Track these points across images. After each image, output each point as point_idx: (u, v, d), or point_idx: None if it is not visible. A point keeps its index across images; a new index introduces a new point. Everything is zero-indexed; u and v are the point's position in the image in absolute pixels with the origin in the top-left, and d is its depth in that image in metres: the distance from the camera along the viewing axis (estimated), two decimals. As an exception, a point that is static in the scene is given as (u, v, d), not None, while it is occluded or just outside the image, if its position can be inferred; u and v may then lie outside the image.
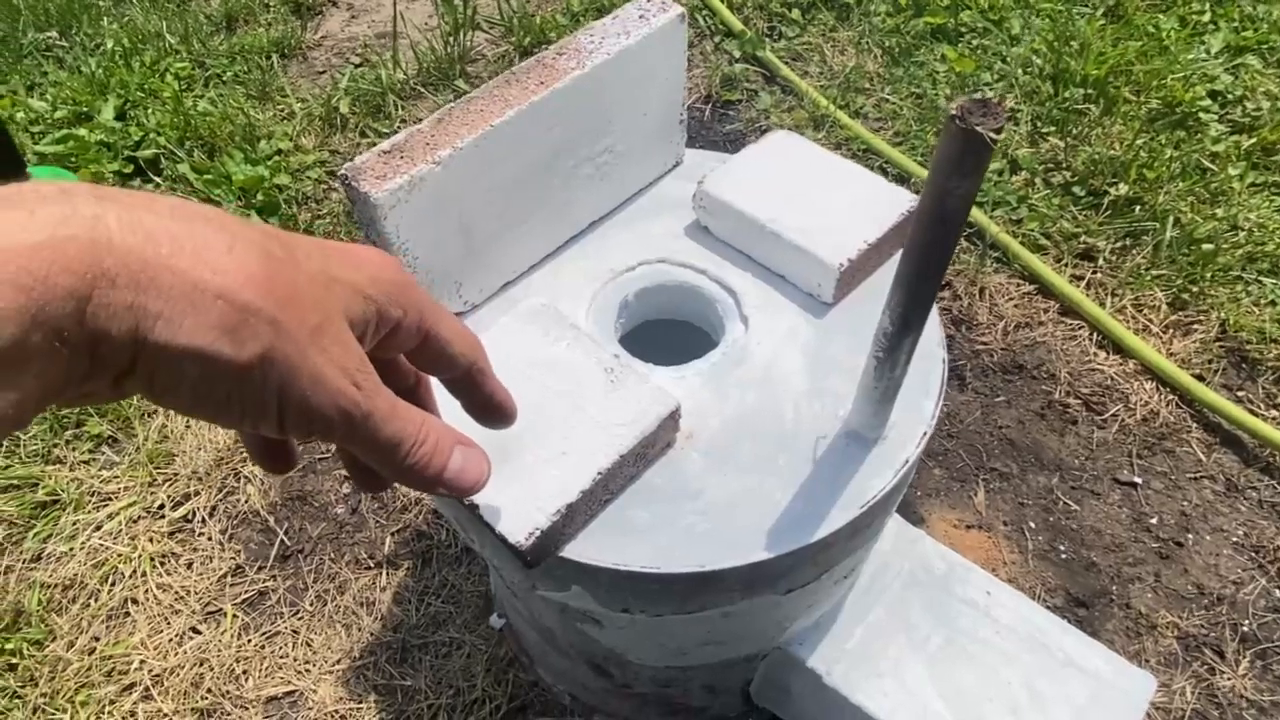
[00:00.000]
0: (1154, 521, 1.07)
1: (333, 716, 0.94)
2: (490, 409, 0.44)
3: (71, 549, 1.07)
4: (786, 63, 1.65)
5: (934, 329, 0.71)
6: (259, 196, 1.42)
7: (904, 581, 0.82)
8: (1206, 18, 1.68)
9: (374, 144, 1.53)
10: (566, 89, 0.67)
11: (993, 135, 0.40)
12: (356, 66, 1.73)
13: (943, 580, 0.82)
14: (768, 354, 0.70)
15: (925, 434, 0.64)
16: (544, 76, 0.68)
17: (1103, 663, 0.77)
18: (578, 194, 0.76)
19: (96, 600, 1.03)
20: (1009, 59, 1.60)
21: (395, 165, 0.62)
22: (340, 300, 0.31)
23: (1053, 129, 1.48)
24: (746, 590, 0.62)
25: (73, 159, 1.53)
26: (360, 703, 0.95)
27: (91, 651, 0.99)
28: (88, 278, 0.22)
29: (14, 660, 0.98)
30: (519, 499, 0.55)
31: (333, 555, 1.07)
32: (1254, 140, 1.44)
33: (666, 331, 0.80)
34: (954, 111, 0.41)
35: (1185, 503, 1.08)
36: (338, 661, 0.98)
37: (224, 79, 1.72)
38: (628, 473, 0.60)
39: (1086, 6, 1.71)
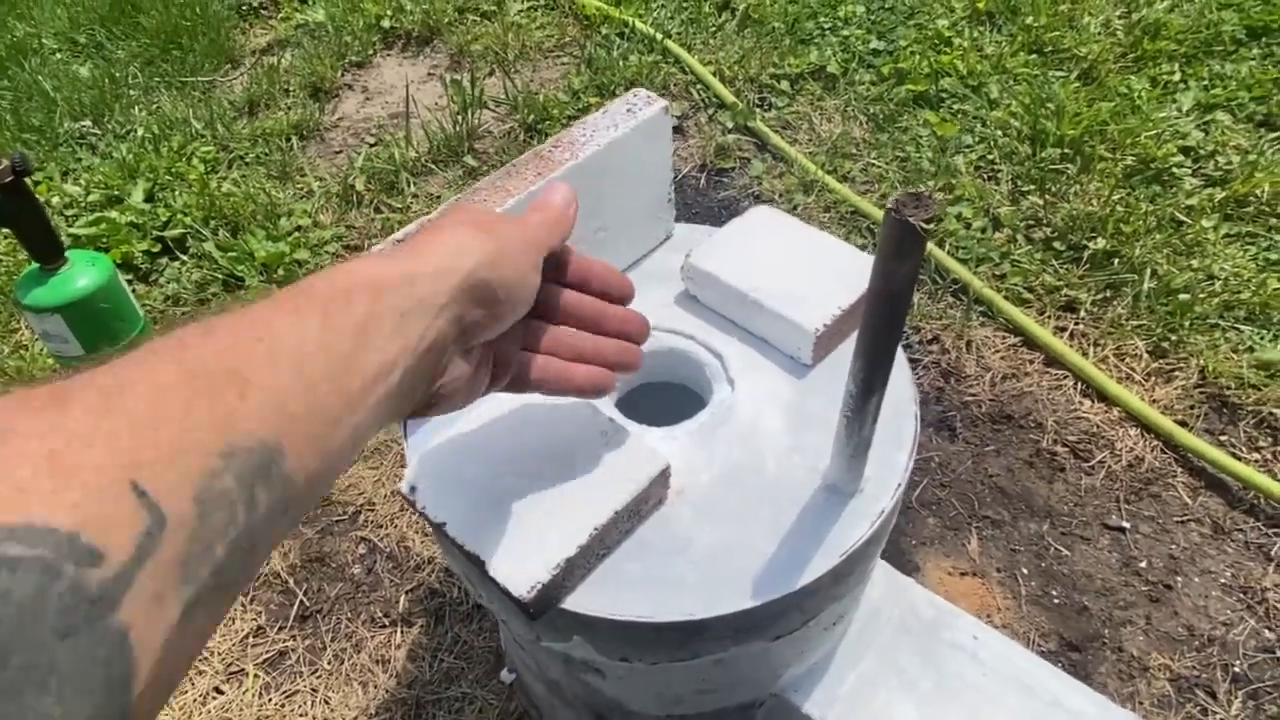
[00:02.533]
0: (1143, 565, 1.10)
1: (350, 772, 0.97)
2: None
3: (101, 613, 1.12)
4: (776, 131, 1.74)
5: (905, 386, 0.76)
6: (280, 271, 1.51)
7: (894, 628, 0.86)
8: (1177, 77, 1.77)
9: (388, 219, 1.62)
10: (561, 179, 0.74)
11: (924, 225, 0.46)
12: (371, 146, 1.83)
13: (931, 626, 0.86)
14: (752, 413, 0.75)
15: (899, 485, 0.69)
16: (540, 168, 0.75)
17: (1088, 704, 0.80)
18: (575, 270, 0.82)
19: (125, 662, 1.07)
20: (988, 122, 1.69)
21: (407, 253, 0.68)
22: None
23: (1032, 187, 1.55)
24: (736, 637, 0.66)
25: (105, 240, 1.62)
26: (376, 758, 0.98)
27: (120, 713, 1.03)
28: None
29: (46, 722, 1.02)
30: (522, 555, 0.60)
31: (349, 615, 1.11)
32: (1226, 193, 1.50)
33: (660, 393, 0.86)
34: (890, 205, 0.47)
35: (1173, 546, 1.12)
36: (355, 718, 1.01)
37: (246, 160, 1.82)
38: (623, 528, 0.65)
39: (1061, 71, 1.80)
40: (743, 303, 0.80)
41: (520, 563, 0.60)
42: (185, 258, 1.60)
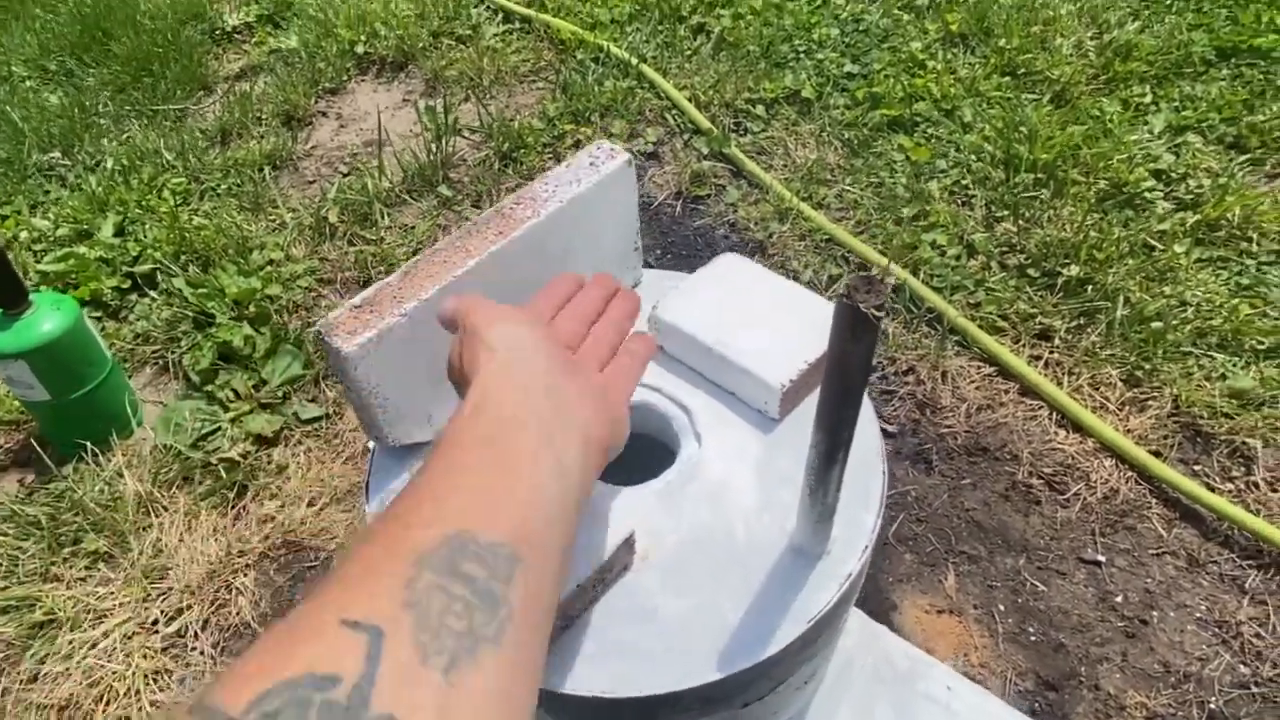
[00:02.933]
0: (1119, 600, 1.10)
1: (321, 831, 0.95)
2: None
3: (68, 668, 1.10)
4: (752, 157, 1.74)
5: (873, 439, 0.75)
6: (251, 308, 1.49)
7: (868, 678, 0.85)
8: (1148, 99, 1.78)
9: (361, 252, 1.61)
10: (523, 236, 0.73)
11: (874, 313, 0.46)
12: (344, 176, 1.82)
13: (905, 676, 0.85)
14: (720, 470, 0.74)
15: (867, 547, 0.68)
16: (502, 226, 0.74)
17: (1061, 754, 0.79)
18: (540, 323, 0.81)
19: (91, 720, 1.05)
20: (962, 146, 1.69)
21: (365, 319, 0.67)
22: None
23: (1006, 213, 1.55)
24: (704, 707, 0.65)
25: (73, 276, 1.60)
26: (348, 815, 0.96)
27: (85, 773, 1.01)
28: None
29: (9, 785, 1.00)
30: (481, 633, 0.59)
31: (321, 664, 1.09)
32: (1198, 217, 1.51)
33: (628, 444, 0.85)
34: (842, 290, 0.46)
35: (1149, 579, 1.12)
36: (326, 774, 1.00)
37: (218, 192, 1.80)
38: (587, 598, 0.64)
39: (1034, 93, 1.81)
40: (709, 356, 0.79)
41: (480, 640, 0.59)
42: (155, 294, 1.58)
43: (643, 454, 0.82)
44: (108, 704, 1.07)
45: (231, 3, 2.54)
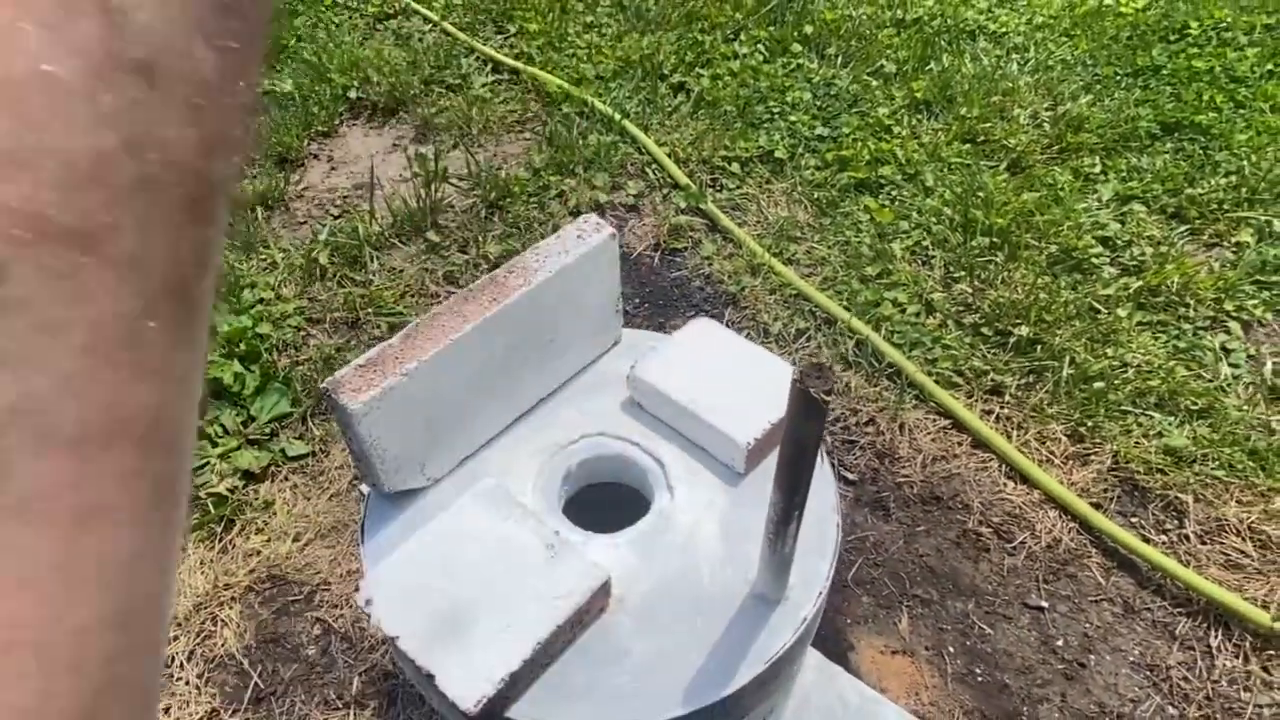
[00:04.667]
0: (1060, 643, 1.18)
1: None
2: None
3: (53, 697, 1.13)
4: (727, 213, 1.83)
5: (829, 494, 0.83)
6: (242, 346, 1.54)
7: (822, 716, 0.92)
8: (1098, 169, 1.90)
9: (350, 293, 1.67)
10: (515, 303, 0.81)
11: (824, 397, 0.53)
12: (335, 218, 1.88)
13: (856, 713, 0.92)
14: (689, 522, 0.81)
15: (821, 593, 0.76)
16: (496, 294, 0.81)
17: (998, 788, 0.86)
18: (527, 378, 0.88)
19: (76, 748, 1.08)
20: (923, 210, 1.80)
21: (369, 378, 0.74)
22: None
23: (963, 274, 1.66)
24: (669, 740, 0.71)
25: (66, 309, 1.64)
26: (327, 844, 1.01)
27: (69, 801, 1.04)
28: None
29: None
30: (469, 669, 0.65)
31: (304, 696, 1.13)
32: (1140, 283, 1.62)
33: (607, 491, 0.92)
34: (795, 376, 0.54)
35: (1088, 624, 1.20)
36: (306, 803, 1.04)
37: (211, 230, 1.86)
38: (565, 639, 0.71)
39: (992, 161, 1.92)
40: (682, 414, 0.86)
41: (467, 677, 0.65)
42: (147, 329, 1.62)
43: (620, 500, 0.89)
44: (93, 733, 1.10)
45: (226, 42, 2.61)
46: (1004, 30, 2.42)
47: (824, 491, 0.83)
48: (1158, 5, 2.45)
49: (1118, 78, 2.17)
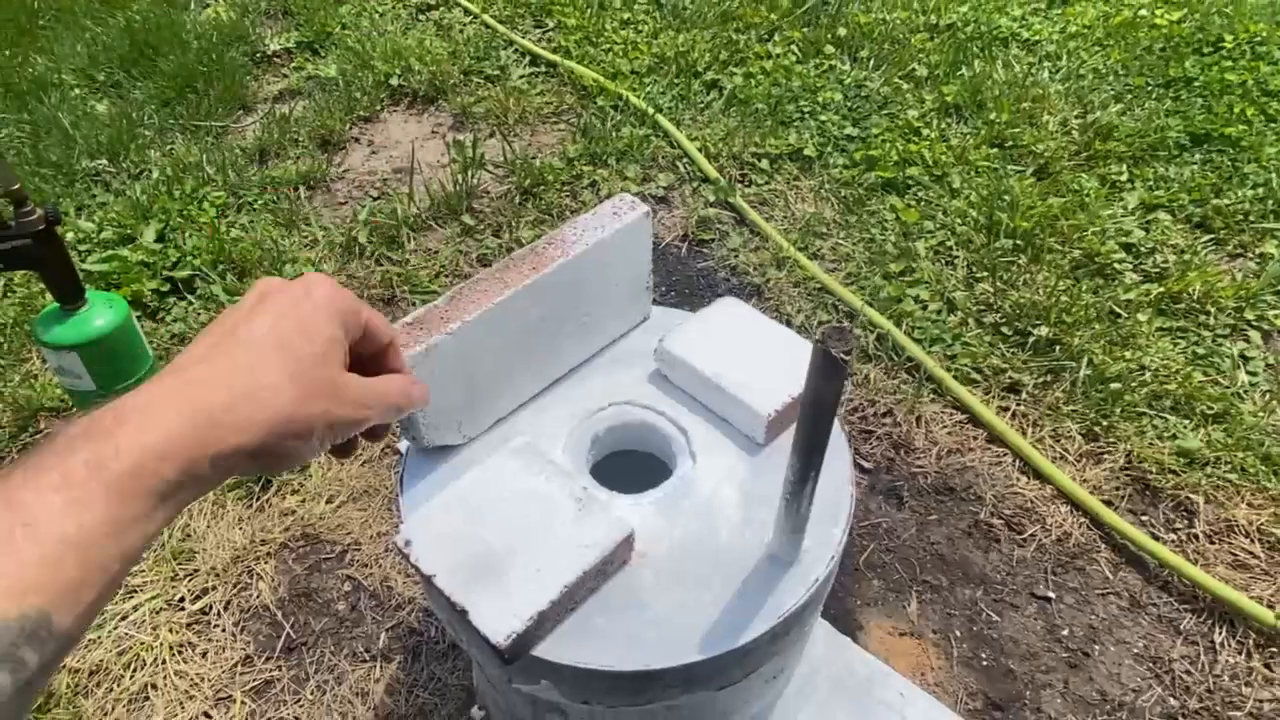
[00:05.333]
0: (1065, 633, 1.21)
1: (327, 798, 1.05)
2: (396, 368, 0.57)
3: (99, 637, 1.19)
4: (755, 207, 1.87)
5: (844, 469, 0.86)
6: (282, 317, 1.60)
7: (831, 684, 0.96)
8: (1125, 177, 1.92)
9: (387, 272, 1.72)
10: (553, 273, 0.85)
11: (843, 356, 0.57)
12: (374, 199, 1.94)
13: (864, 683, 0.96)
14: (710, 487, 0.85)
15: (833, 557, 0.79)
16: (535, 263, 0.86)
17: (997, 758, 0.89)
18: (560, 347, 0.93)
19: (120, 685, 1.15)
20: (949, 210, 1.83)
21: (416, 335, 0.79)
22: (334, 359, 0.45)
23: (986, 274, 1.68)
24: (685, 686, 0.75)
25: (116, 277, 1.71)
26: (352, 786, 1.06)
27: (112, 733, 1.10)
28: (210, 444, 0.36)
29: (42, 740, 1.09)
30: (501, 607, 0.70)
31: (333, 649, 1.19)
32: (1162, 289, 1.64)
33: (631, 459, 0.96)
34: (817, 337, 0.58)
35: (1093, 616, 1.22)
36: (333, 747, 1.09)
37: (255, 207, 1.93)
38: (590, 586, 0.75)
39: (1019, 165, 1.95)
40: (707, 385, 0.90)
41: (498, 614, 0.70)
42: (193, 298, 1.69)
43: (644, 469, 0.93)
44: (135, 671, 1.16)
45: (273, 28, 2.69)
46: (1037, 38, 2.43)
47: (840, 463, 0.87)
48: (1193, 18, 2.45)
49: (1149, 88, 2.19)
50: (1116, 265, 1.69)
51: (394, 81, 2.31)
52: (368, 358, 0.53)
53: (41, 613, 0.30)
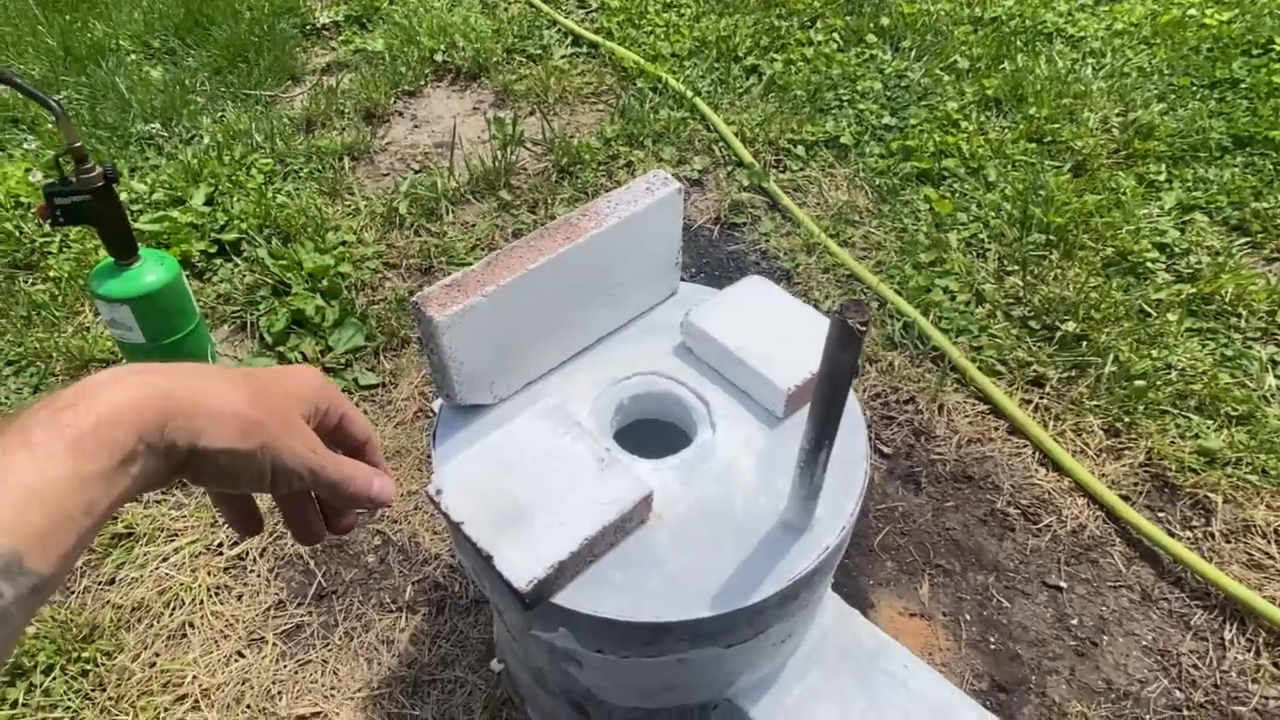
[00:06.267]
0: (1074, 622, 1.22)
1: (351, 736, 1.10)
2: (374, 465, 0.58)
3: (141, 576, 1.26)
4: (788, 193, 1.88)
5: (860, 445, 0.89)
6: (324, 282, 1.66)
7: (838, 653, 0.99)
8: (1163, 177, 1.90)
9: (425, 242, 1.77)
10: (585, 243, 0.89)
11: (859, 327, 0.60)
12: (416, 172, 1.99)
13: (871, 654, 0.99)
14: (728, 455, 0.88)
15: (844, 528, 0.82)
16: (569, 233, 0.89)
17: (996, 733, 0.92)
18: (590, 317, 0.97)
19: (159, 621, 1.21)
20: (983, 203, 1.83)
21: (454, 296, 0.83)
22: (295, 405, 0.49)
23: (1016, 268, 1.69)
24: (694, 641, 0.79)
25: (166, 237, 1.78)
26: (375, 727, 1.11)
27: (152, 665, 1.17)
28: (164, 414, 0.40)
29: (87, 667, 1.16)
30: (524, 555, 0.74)
31: (361, 598, 1.24)
32: (1194, 290, 1.63)
33: (653, 428, 1.00)
34: (835, 309, 0.60)
35: (1104, 608, 1.24)
36: (359, 690, 1.15)
37: (301, 175, 1.98)
38: (608, 541, 0.79)
39: (1056, 161, 1.94)
40: (730, 359, 0.93)
41: (521, 560, 0.73)
42: (239, 261, 1.75)
43: (664, 440, 0.97)
44: (174, 609, 1.22)
45: (322, 1, 2.74)
46: (1082, 34, 2.41)
47: (856, 439, 0.89)
48: (1244, 19, 2.41)
49: (1193, 88, 2.16)
50: (1149, 264, 1.69)
51: (438, 57, 2.35)
52: (345, 454, 0.54)
53: (13, 550, 0.33)
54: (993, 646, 1.20)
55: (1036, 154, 1.96)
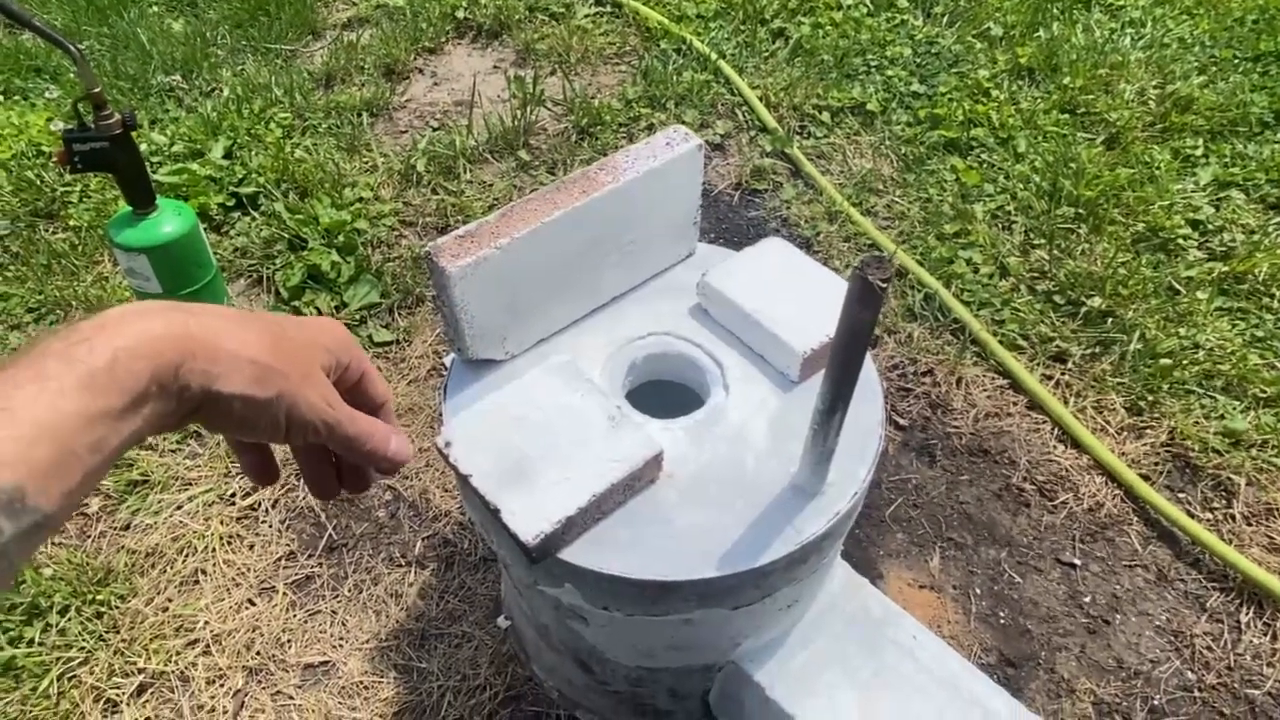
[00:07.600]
0: (1087, 600, 1.21)
1: (358, 686, 1.11)
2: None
3: (155, 523, 1.27)
4: (811, 160, 1.85)
5: (875, 412, 0.87)
6: (340, 238, 1.65)
7: (845, 620, 0.98)
8: (1199, 152, 1.85)
9: (443, 201, 1.76)
10: (602, 198, 0.87)
11: (880, 284, 0.58)
12: (434, 130, 1.97)
13: (878, 623, 0.98)
14: (741, 418, 0.87)
15: (856, 493, 0.81)
16: (586, 187, 0.87)
17: (1002, 705, 0.91)
18: (605, 274, 0.95)
19: (172, 568, 1.22)
20: (1011, 174, 1.78)
21: (467, 247, 0.81)
22: (316, 356, 0.48)
23: (1043, 241, 1.65)
24: (700, 601, 0.78)
25: (184, 189, 1.77)
26: (382, 678, 1.12)
27: (165, 610, 1.18)
28: (182, 353, 0.38)
29: (102, 609, 1.17)
30: (531, 509, 0.73)
31: (371, 551, 1.25)
32: (1226, 268, 1.59)
33: (665, 389, 0.98)
34: (857, 265, 0.59)
35: (1118, 586, 1.22)
36: (367, 641, 1.15)
37: (319, 130, 1.97)
38: (617, 498, 0.78)
39: (1089, 133, 1.89)
40: (746, 321, 0.92)
41: (529, 515, 0.73)
42: (256, 214, 1.75)
43: (676, 403, 0.95)
44: (187, 556, 1.24)
45: (345, -45, 2.70)
46: (1122, 4, 2.33)
47: (871, 407, 0.88)
48: (1293, -11, 2.32)
49: (1236, 61, 2.09)
50: (1181, 241, 1.64)
51: (460, 14, 2.32)
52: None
53: (16, 485, 0.32)
54: (1002, 621, 1.19)
55: (1069, 125, 1.91)
